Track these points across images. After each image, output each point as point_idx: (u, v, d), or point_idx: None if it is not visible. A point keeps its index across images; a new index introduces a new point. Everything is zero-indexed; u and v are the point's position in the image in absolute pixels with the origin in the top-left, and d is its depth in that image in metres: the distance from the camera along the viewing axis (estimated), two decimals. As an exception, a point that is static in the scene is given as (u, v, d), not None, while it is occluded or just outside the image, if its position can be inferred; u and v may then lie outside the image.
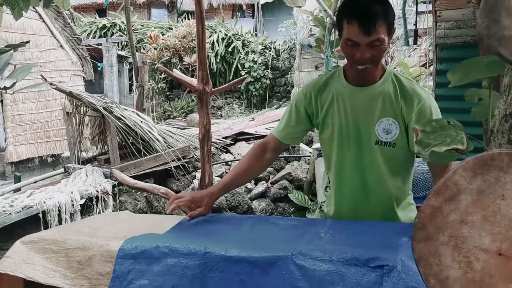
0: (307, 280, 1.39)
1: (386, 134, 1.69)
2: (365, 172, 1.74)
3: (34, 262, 1.72)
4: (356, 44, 1.59)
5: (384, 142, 1.68)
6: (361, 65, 1.63)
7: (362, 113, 1.71)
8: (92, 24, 12.57)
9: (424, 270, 1.00)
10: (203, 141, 2.69)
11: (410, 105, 1.66)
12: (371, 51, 1.59)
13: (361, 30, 1.56)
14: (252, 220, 1.88)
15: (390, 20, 1.62)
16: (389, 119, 1.68)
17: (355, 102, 1.72)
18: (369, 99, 1.70)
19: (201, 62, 2.63)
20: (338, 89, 1.75)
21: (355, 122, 1.72)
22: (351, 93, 1.73)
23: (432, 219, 0.99)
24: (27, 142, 8.01)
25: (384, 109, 1.68)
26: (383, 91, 1.69)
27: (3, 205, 3.15)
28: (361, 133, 1.71)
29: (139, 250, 1.53)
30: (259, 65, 11.18)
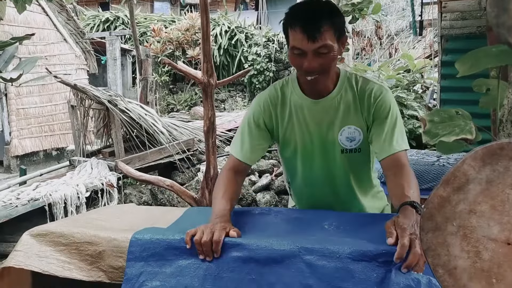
0: (317, 277, 1.39)
1: (350, 142, 1.65)
2: (335, 181, 1.74)
3: (47, 255, 1.71)
4: (303, 53, 1.49)
5: (349, 149, 1.66)
6: (309, 76, 1.53)
7: (323, 125, 1.65)
8: (95, 17, 12.55)
9: (432, 260, 1.00)
10: (208, 134, 2.69)
11: (368, 104, 1.62)
12: (318, 59, 1.49)
13: (305, 36, 1.45)
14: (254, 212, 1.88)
15: (338, 25, 1.51)
16: (351, 126, 1.64)
17: (315, 114, 1.65)
18: (328, 110, 1.64)
19: (206, 54, 2.62)
20: (296, 101, 1.67)
21: (318, 135, 1.66)
22: (309, 106, 1.65)
23: (440, 209, 0.99)
24: (32, 135, 8.03)
25: (344, 118, 1.63)
26: (340, 99, 1.63)
27: (9, 197, 3.17)
28: (325, 145, 1.67)
29: (149, 253, 1.53)
30: (263, 57, 11.14)
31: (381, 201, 1.89)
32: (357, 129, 1.63)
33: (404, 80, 5.60)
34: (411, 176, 1.54)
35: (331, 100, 1.63)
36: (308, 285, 1.42)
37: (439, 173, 3.05)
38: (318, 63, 1.50)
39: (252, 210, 1.92)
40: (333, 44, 1.49)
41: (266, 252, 1.46)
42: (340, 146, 1.66)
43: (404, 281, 1.25)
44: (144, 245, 1.59)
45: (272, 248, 1.47)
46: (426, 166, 3.14)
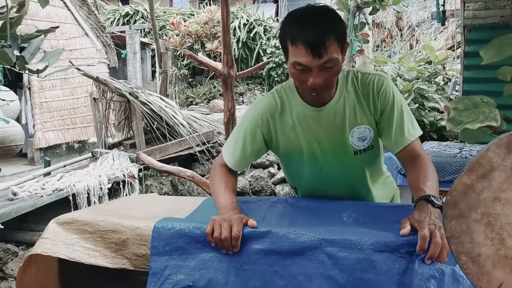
0: (339, 268, 1.40)
1: (362, 141, 1.59)
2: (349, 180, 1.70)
3: (73, 243, 1.74)
4: (307, 69, 1.39)
5: (362, 150, 1.60)
6: (315, 92, 1.45)
7: (332, 131, 1.58)
8: (116, 11, 12.66)
9: (456, 248, 1.00)
10: (228, 125, 2.71)
11: (373, 99, 1.56)
12: (323, 74, 1.40)
13: (309, 53, 1.35)
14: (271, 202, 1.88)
15: (341, 34, 1.41)
16: (360, 126, 1.57)
17: (321, 122, 1.57)
18: (334, 116, 1.56)
19: (226, 46, 2.64)
20: (297, 110, 1.58)
21: (328, 141, 1.60)
22: (313, 115, 1.57)
23: (464, 196, 0.99)
24: (55, 128, 8.17)
25: (352, 119, 1.57)
26: (344, 102, 1.56)
27: (35, 188, 3.25)
28: (337, 150, 1.61)
29: (172, 247, 1.55)
30: (281, 50, 11.10)
31: (390, 188, 1.87)
32: (367, 128, 1.58)
33: (425, 72, 5.52)
34: (427, 166, 1.51)
35: (334, 105, 1.56)
36: (329, 276, 1.43)
37: (461, 165, 3.01)
38: (323, 78, 1.41)
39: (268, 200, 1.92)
40: (338, 56, 1.39)
41: (288, 244, 1.47)
42: (353, 148, 1.60)
43: (428, 271, 1.25)
44: (167, 239, 1.61)
45: (294, 240, 1.47)
46: (448, 158, 3.11)
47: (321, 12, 1.41)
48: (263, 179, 4.61)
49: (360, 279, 1.39)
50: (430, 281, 1.24)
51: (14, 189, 3.19)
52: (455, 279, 1.22)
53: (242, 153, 1.65)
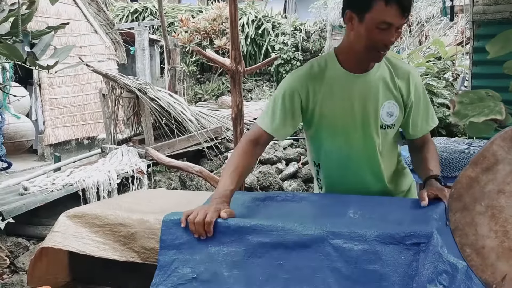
0: (344, 260, 1.40)
1: (389, 117, 1.66)
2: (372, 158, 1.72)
3: (83, 236, 1.77)
4: (389, 28, 1.48)
5: (387, 125, 1.67)
6: (384, 50, 1.54)
7: (366, 99, 1.64)
8: (124, 8, 12.72)
9: (460, 240, 1.01)
10: (236, 120, 2.72)
11: (406, 84, 1.66)
12: (396, 35, 1.51)
13: (399, 12, 1.46)
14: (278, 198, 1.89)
15: None
16: (391, 101, 1.65)
17: (358, 89, 1.63)
18: (370, 85, 1.64)
19: (234, 42, 2.65)
20: (336, 76, 1.64)
21: (362, 110, 1.65)
22: (350, 80, 1.63)
23: (469, 189, 1.00)
24: (65, 125, 8.24)
25: (384, 92, 1.64)
26: (380, 75, 1.64)
27: (45, 183, 3.29)
28: (367, 119, 1.66)
29: (181, 241, 1.56)
30: (290, 46, 11.10)
31: (408, 178, 1.90)
32: (395, 104, 1.65)
33: (434, 68, 5.49)
34: (434, 151, 1.72)
35: (373, 75, 1.63)
36: (335, 268, 1.44)
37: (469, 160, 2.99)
38: (396, 38, 1.53)
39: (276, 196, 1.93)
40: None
41: (294, 237, 1.48)
42: (380, 122, 1.66)
43: (442, 266, 1.24)
44: (176, 233, 1.63)
45: (300, 233, 1.48)
46: (456, 154, 3.10)
47: None
48: (271, 175, 4.62)
49: (365, 270, 1.40)
50: (442, 275, 1.24)
51: (25, 184, 3.24)
52: (468, 276, 1.21)
53: (282, 117, 1.66)
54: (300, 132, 5.34)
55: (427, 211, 1.54)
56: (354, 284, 1.40)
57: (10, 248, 2.95)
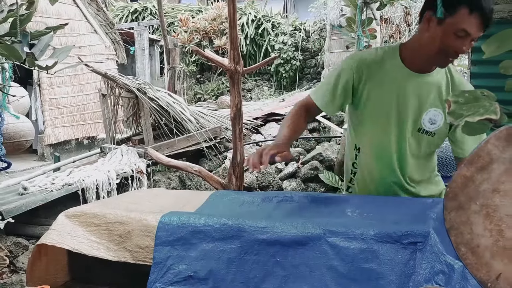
0: (341, 258, 1.40)
1: (431, 124, 1.68)
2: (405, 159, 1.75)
3: (78, 235, 1.78)
4: (465, 36, 1.50)
5: (426, 131, 1.69)
6: (454, 57, 1.57)
7: (414, 99, 1.67)
8: (124, 8, 12.73)
9: (455, 239, 1.02)
10: (234, 120, 2.73)
11: None
12: (470, 45, 1.54)
13: (481, 24, 1.49)
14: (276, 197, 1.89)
15: None
16: (437, 109, 1.67)
17: (410, 87, 1.67)
18: (423, 87, 1.67)
19: (233, 42, 2.65)
20: (393, 69, 1.69)
21: (405, 106, 1.68)
22: (407, 77, 1.67)
23: (464, 188, 1.00)
24: (64, 125, 8.24)
25: (435, 99, 1.67)
26: (436, 81, 1.67)
27: (45, 182, 3.29)
28: (407, 117, 1.69)
29: (175, 237, 1.57)
30: (289, 46, 11.11)
31: (439, 185, 1.90)
32: (441, 113, 1.67)
33: (433, 68, 5.49)
34: None
35: (431, 78, 1.67)
36: (332, 266, 1.44)
37: (467, 160, 2.99)
38: (468, 48, 1.54)
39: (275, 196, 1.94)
40: None
41: (291, 234, 1.48)
42: (420, 125, 1.68)
43: (438, 266, 1.25)
44: (171, 229, 1.63)
45: (297, 231, 1.48)
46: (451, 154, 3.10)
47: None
48: (270, 175, 4.63)
49: (362, 269, 1.40)
50: (438, 275, 1.24)
51: (25, 183, 3.24)
52: (464, 277, 1.22)
53: (332, 93, 1.73)
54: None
55: (425, 211, 1.55)
56: (351, 282, 1.41)
57: (10, 248, 2.95)
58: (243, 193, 2.25)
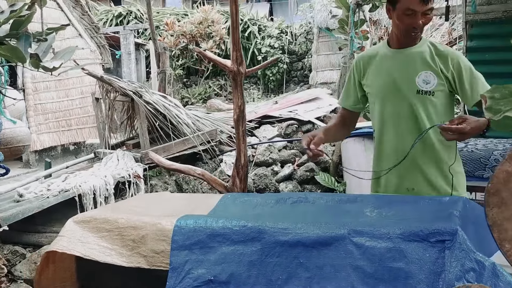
0: (367, 258, 1.39)
1: (426, 84, 1.95)
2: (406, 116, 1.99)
3: (89, 241, 1.74)
4: (414, 13, 1.87)
5: (424, 91, 1.95)
6: (414, 32, 1.92)
7: (404, 69, 1.98)
8: (108, 12, 12.59)
9: (499, 235, 1.00)
10: (238, 122, 2.71)
11: (445, 61, 1.94)
12: (425, 19, 1.90)
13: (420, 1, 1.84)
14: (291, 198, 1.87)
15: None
16: (427, 71, 1.95)
17: (396, 61, 2.00)
18: (409, 58, 1.98)
19: (235, 43, 2.63)
20: (382, 53, 2.06)
21: (398, 77, 1.99)
22: (392, 55, 2.02)
23: (507, 184, 0.99)
24: (50, 130, 8.09)
25: (422, 64, 1.96)
26: (420, 51, 1.97)
27: (41, 189, 3.21)
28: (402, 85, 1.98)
29: (193, 241, 1.54)
30: (276, 49, 11.12)
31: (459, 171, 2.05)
32: (432, 74, 1.94)
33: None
34: None
35: (412, 50, 1.98)
36: (358, 266, 1.42)
37: (468, 158, 3.02)
38: (424, 22, 1.90)
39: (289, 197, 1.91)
40: (433, 6, 1.91)
41: (314, 235, 1.46)
42: (416, 87, 1.96)
43: (469, 264, 1.24)
44: (187, 233, 1.60)
45: (320, 231, 1.46)
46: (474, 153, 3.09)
47: None
48: (267, 177, 4.61)
49: (390, 268, 1.38)
50: (469, 273, 1.23)
51: (20, 190, 3.16)
52: (495, 274, 1.21)
53: (346, 93, 2.20)
54: (294, 134, 5.34)
55: (448, 209, 1.54)
56: (379, 282, 1.39)
57: (7, 257, 2.87)
58: (254, 195, 2.22)
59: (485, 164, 2.94)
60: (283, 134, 5.33)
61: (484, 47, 3.60)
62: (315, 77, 9.67)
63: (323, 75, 9.59)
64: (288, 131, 5.35)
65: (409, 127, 1.98)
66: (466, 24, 3.68)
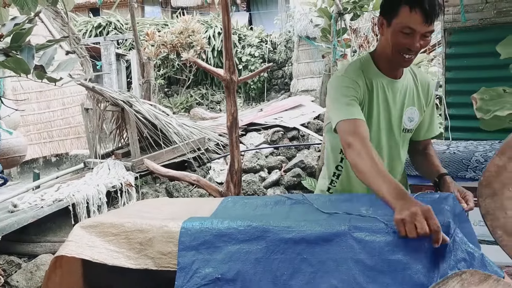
0: (367, 252, 1.46)
1: (410, 121, 1.81)
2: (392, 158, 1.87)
3: (97, 245, 1.77)
4: (412, 33, 1.58)
5: (407, 129, 1.83)
6: (409, 54, 1.64)
7: (394, 104, 1.79)
8: (88, 23, 12.55)
9: (491, 223, 1.11)
10: (231, 129, 2.78)
11: (425, 92, 1.84)
12: (422, 41, 1.60)
13: (423, 19, 1.55)
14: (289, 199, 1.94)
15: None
16: (413, 107, 1.81)
17: (391, 93, 1.77)
18: (400, 91, 1.79)
19: (228, 52, 2.72)
20: (377, 79, 1.77)
21: (390, 113, 1.80)
22: (388, 85, 1.77)
23: (498, 176, 1.10)
24: (31, 142, 8.00)
25: (409, 99, 1.80)
26: (407, 82, 1.80)
27: (34, 199, 3.22)
28: (393, 122, 1.81)
29: (199, 241, 1.59)
30: (256, 58, 11.25)
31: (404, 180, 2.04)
32: (416, 110, 1.81)
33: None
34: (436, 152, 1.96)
35: (403, 81, 1.79)
36: (359, 260, 1.50)
37: (450, 160, 3.14)
38: (420, 44, 1.61)
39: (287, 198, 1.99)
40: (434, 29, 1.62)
41: (316, 232, 1.53)
42: (403, 126, 1.81)
43: (460, 254, 1.33)
44: (194, 234, 1.65)
45: (322, 228, 1.54)
46: (437, 154, 3.24)
47: None
48: (255, 183, 4.69)
49: (389, 261, 1.46)
50: (461, 263, 1.32)
51: (15, 200, 3.16)
52: (483, 264, 1.31)
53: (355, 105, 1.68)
54: (280, 140, 5.45)
55: (439, 204, 1.64)
56: (379, 274, 1.47)
57: (3, 267, 2.87)
58: (254, 197, 2.29)
59: (467, 165, 3.06)
60: (269, 141, 5.43)
61: (462, 53, 3.76)
62: (296, 85, 9.83)
63: (304, 83, 9.75)
64: (274, 137, 5.45)
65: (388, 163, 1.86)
66: (444, 31, 3.84)
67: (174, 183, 4.20)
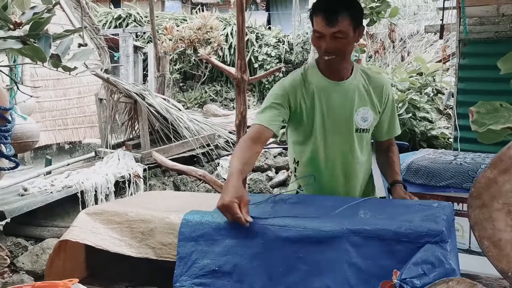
0: (361, 256, 1.50)
1: (364, 121, 1.89)
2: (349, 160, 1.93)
3: (100, 232, 1.82)
4: (322, 36, 1.74)
5: (362, 129, 1.90)
6: (327, 56, 1.77)
7: (342, 105, 1.87)
8: (108, 14, 12.69)
9: (479, 233, 1.14)
10: (239, 127, 2.83)
11: (380, 93, 1.91)
12: (335, 43, 1.74)
13: (324, 22, 1.71)
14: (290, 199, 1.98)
15: (355, 15, 1.76)
16: (365, 108, 1.89)
17: (335, 96, 1.86)
18: (347, 93, 1.87)
19: (240, 52, 2.76)
20: (318, 84, 1.87)
21: (338, 114, 1.87)
22: (331, 88, 1.87)
23: (488, 189, 1.13)
24: (46, 129, 8.12)
25: (360, 100, 1.88)
26: (356, 84, 1.88)
27: (44, 184, 3.31)
28: (342, 123, 1.88)
29: (199, 233, 1.64)
30: (273, 58, 11.28)
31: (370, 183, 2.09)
32: (370, 111, 1.89)
33: (416, 83, 5.73)
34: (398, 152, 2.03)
35: (349, 84, 1.87)
36: (353, 263, 1.53)
37: (457, 171, 3.13)
38: (334, 45, 1.74)
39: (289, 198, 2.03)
40: (348, 31, 1.73)
41: (314, 232, 1.57)
42: (355, 126, 1.88)
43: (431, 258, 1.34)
44: (194, 226, 1.69)
45: (319, 229, 1.57)
46: (443, 165, 3.23)
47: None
48: (262, 182, 4.73)
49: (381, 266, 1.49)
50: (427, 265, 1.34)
51: (25, 184, 3.25)
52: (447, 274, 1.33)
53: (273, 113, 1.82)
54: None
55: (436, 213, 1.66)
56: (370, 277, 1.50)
57: (10, 248, 2.96)
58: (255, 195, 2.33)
59: (472, 177, 3.06)
60: (279, 141, 5.46)
61: (476, 65, 3.76)
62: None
63: (318, 85, 9.71)
64: (284, 138, 5.47)
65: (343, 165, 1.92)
66: (459, 42, 3.85)
67: (182, 177, 4.26)
